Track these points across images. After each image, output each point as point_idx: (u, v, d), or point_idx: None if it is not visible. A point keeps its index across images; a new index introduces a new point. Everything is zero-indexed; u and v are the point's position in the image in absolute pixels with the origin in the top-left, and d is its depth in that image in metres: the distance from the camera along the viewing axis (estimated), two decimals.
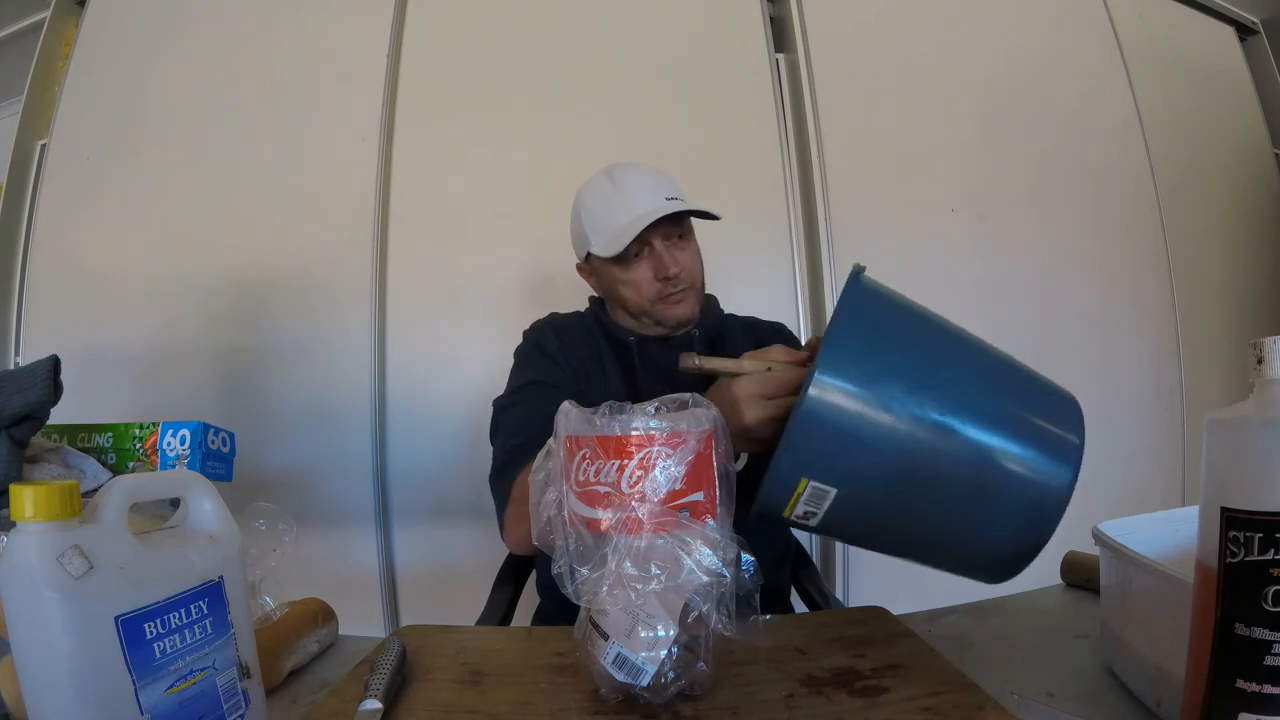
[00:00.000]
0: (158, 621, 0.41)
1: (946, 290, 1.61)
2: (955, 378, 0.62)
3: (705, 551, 0.48)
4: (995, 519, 0.61)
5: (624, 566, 0.48)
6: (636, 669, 0.48)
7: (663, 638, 0.48)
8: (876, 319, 0.64)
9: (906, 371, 0.60)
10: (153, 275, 1.63)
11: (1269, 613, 0.36)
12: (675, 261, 0.92)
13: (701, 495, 0.50)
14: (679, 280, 0.93)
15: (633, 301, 0.95)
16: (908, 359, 0.61)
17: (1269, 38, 2.09)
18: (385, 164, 1.63)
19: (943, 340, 0.65)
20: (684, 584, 0.48)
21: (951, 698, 0.50)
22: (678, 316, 0.95)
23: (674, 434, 0.49)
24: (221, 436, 0.81)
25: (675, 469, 0.49)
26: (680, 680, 0.49)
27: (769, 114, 1.66)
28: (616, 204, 0.92)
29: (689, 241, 0.96)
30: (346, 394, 1.57)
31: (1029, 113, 1.76)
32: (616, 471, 0.49)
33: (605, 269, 0.95)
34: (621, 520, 0.48)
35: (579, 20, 1.70)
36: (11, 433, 0.67)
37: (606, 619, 0.49)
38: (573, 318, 1.05)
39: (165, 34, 1.74)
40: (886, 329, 0.64)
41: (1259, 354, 0.39)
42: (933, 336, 0.65)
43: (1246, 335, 0.52)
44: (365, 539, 1.56)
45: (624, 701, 0.51)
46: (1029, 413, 0.62)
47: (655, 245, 0.91)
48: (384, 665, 0.54)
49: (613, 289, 0.97)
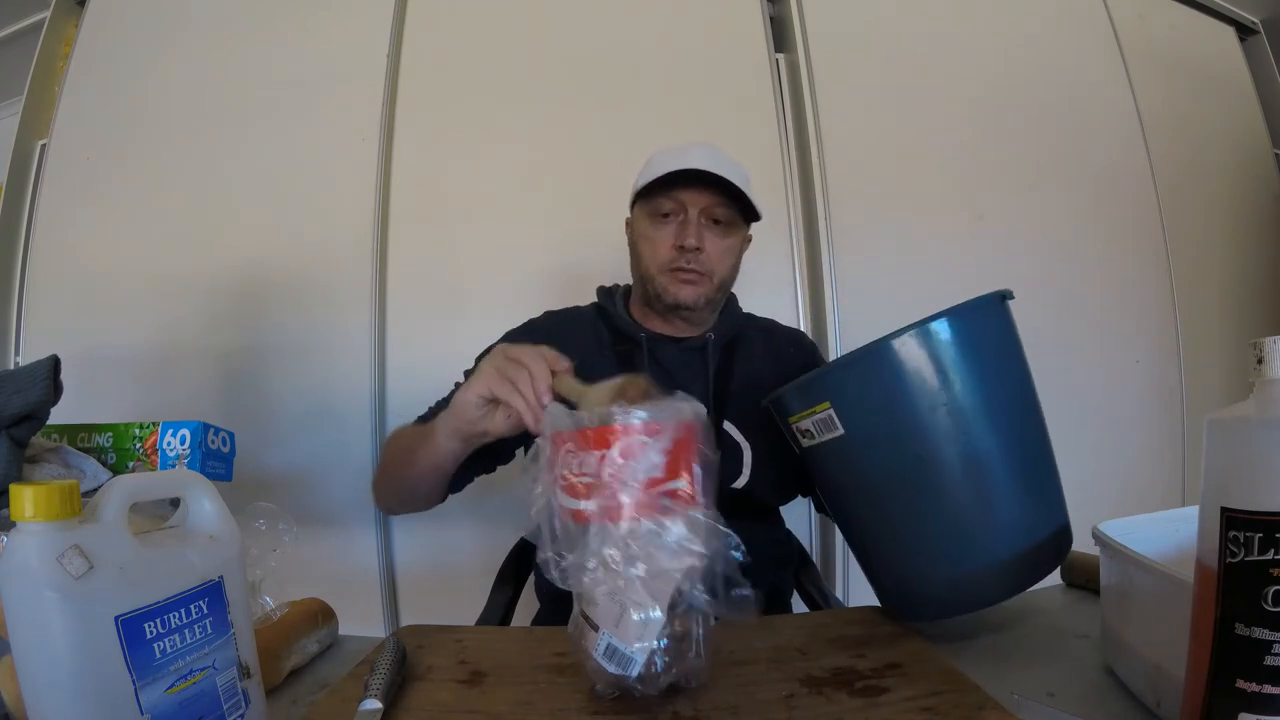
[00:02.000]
0: (158, 621, 0.41)
1: (946, 290, 1.59)
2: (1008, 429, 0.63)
3: (687, 535, 0.49)
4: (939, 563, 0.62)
5: (607, 551, 0.48)
6: (627, 659, 0.48)
7: (651, 622, 0.48)
8: (990, 334, 0.65)
9: (981, 393, 0.61)
10: (153, 275, 1.63)
11: (1269, 613, 0.36)
12: (700, 238, 0.88)
13: (683, 482, 0.50)
14: (695, 259, 0.89)
15: (645, 260, 0.93)
16: (985, 381, 0.62)
17: (1269, 38, 2.09)
18: (385, 164, 1.63)
19: (1021, 395, 0.65)
20: (669, 568, 0.48)
21: (951, 698, 0.50)
22: (679, 297, 0.91)
23: (653, 423, 0.50)
24: (221, 436, 0.81)
25: (655, 457, 0.49)
26: (673, 671, 0.50)
27: (769, 114, 1.66)
28: (674, 153, 0.90)
29: (727, 235, 0.92)
30: (346, 394, 1.57)
31: (1029, 112, 1.76)
32: (598, 461, 0.49)
33: (639, 220, 0.94)
34: (604, 508, 0.49)
35: (579, 20, 1.70)
36: (11, 433, 0.67)
37: (596, 609, 0.50)
38: (568, 312, 1.02)
39: (165, 34, 1.74)
40: (994, 346, 0.65)
41: (1259, 354, 0.39)
42: (1017, 387, 0.65)
43: (1246, 335, 0.52)
44: (365, 539, 1.56)
45: (624, 701, 0.51)
46: (1026, 519, 0.62)
47: (689, 214, 0.89)
48: (384, 665, 0.54)
49: (636, 242, 0.95)
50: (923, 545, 0.63)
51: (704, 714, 0.50)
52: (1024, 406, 0.65)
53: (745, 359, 0.97)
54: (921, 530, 0.62)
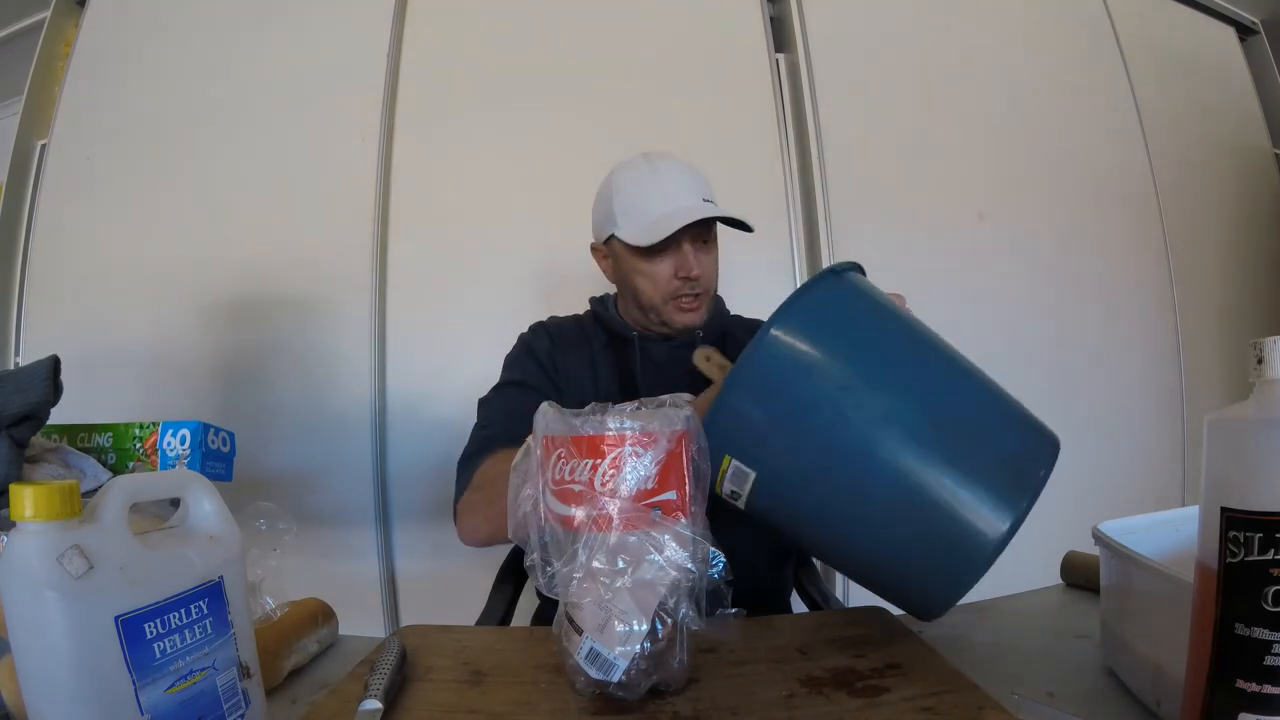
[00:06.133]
0: (158, 621, 0.41)
1: (946, 290, 1.61)
2: (900, 389, 0.58)
3: (675, 548, 0.49)
4: (910, 548, 0.57)
5: (594, 561, 0.48)
6: (609, 664, 0.48)
7: (635, 633, 0.48)
8: (832, 315, 0.61)
9: (845, 370, 0.58)
10: (153, 275, 1.63)
11: (1269, 613, 0.36)
12: (699, 265, 0.91)
13: (673, 494, 0.50)
14: (697, 285, 0.92)
15: (645, 295, 0.93)
16: (850, 359, 0.59)
17: (1269, 38, 2.09)
18: (385, 164, 1.63)
19: (903, 352, 0.61)
20: (656, 580, 0.48)
21: (951, 698, 0.50)
22: (686, 323, 0.94)
23: (646, 433, 0.50)
24: (221, 436, 0.81)
25: (647, 468, 0.49)
26: (653, 676, 0.50)
27: (769, 114, 1.66)
28: (654, 193, 0.90)
29: (713, 248, 0.95)
30: (346, 394, 1.57)
31: (1029, 112, 1.76)
32: (590, 470, 0.49)
33: (625, 256, 0.93)
34: (593, 517, 0.49)
35: (579, 21, 1.70)
36: (11, 433, 0.67)
37: (581, 613, 0.50)
38: (570, 320, 1.05)
39: (165, 34, 1.74)
40: (838, 326, 0.61)
41: (1259, 354, 0.39)
42: (893, 346, 0.61)
43: (1246, 335, 0.52)
44: (365, 539, 1.56)
45: (624, 701, 0.51)
46: (979, 445, 0.57)
47: (684, 245, 0.90)
48: (384, 665, 0.54)
49: (628, 278, 0.95)
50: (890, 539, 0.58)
51: (704, 714, 0.50)
52: (914, 357, 0.61)
53: (733, 354, 0.97)
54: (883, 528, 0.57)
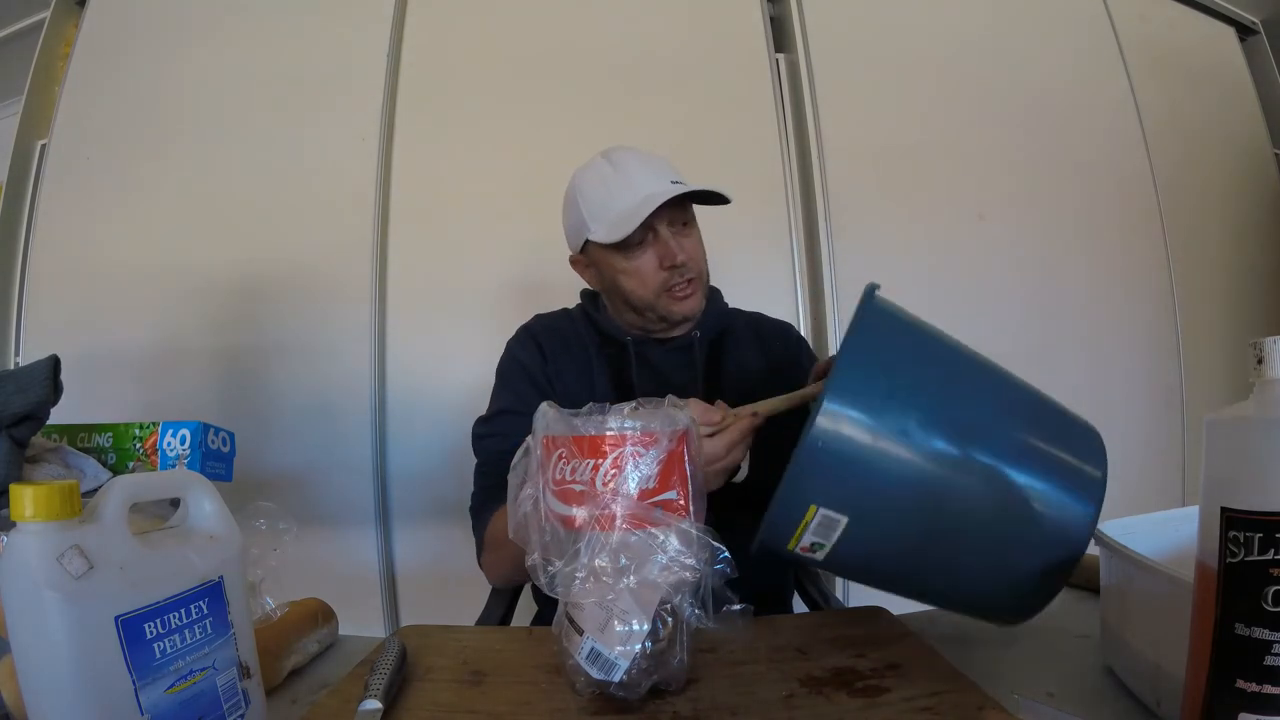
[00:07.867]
0: (158, 621, 0.41)
1: (946, 290, 1.61)
2: (972, 407, 0.60)
3: (678, 547, 0.49)
4: (1014, 553, 0.58)
5: (597, 561, 0.48)
6: (610, 664, 0.48)
7: (636, 632, 0.48)
8: (889, 343, 0.62)
9: (921, 400, 0.58)
10: (153, 275, 1.63)
11: (1269, 613, 0.36)
12: (682, 249, 0.86)
13: (675, 493, 0.50)
14: (686, 269, 0.87)
15: (636, 294, 0.89)
16: (922, 387, 0.59)
17: (1269, 38, 2.09)
18: (385, 164, 1.63)
19: (960, 367, 0.63)
20: (658, 580, 0.48)
21: (951, 698, 0.50)
22: (684, 311, 0.90)
23: (647, 433, 0.50)
24: (221, 436, 0.81)
25: (648, 468, 0.49)
26: (653, 676, 0.50)
27: (769, 114, 1.66)
28: (618, 187, 0.86)
29: (693, 229, 0.91)
30: (346, 394, 1.57)
31: (1029, 112, 1.76)
32: (591, 470, 0.49)
33: (605, 259, 0.89)
34: (595, 517, 0.49)
35: (579, 21, 1.70)
36: (11, 433, 0.67)
37: (582, 613, 0.50)
38: (559, 317, 1.01)
39: (165, 34, 1.74)
40: (900, 353, 0.61)
41: (1259, 354, 0.39)
42: (950, 362, 0.63)
43: (1246, 335, 0.53)
44: (365, 539, 1.56)
45: (624, 701, 0.51)
46: (1050, 444, 0.60)
47: (660, 232, 0.86)
48: (384, 665, 0.54)
49: (614, 281, 0.90)
50: (993, 552, 0.59)
51: (704, 714, 0.50)
52: (974, 372, 0.63)
53: (733, 353, 0.96)
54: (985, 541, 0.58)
